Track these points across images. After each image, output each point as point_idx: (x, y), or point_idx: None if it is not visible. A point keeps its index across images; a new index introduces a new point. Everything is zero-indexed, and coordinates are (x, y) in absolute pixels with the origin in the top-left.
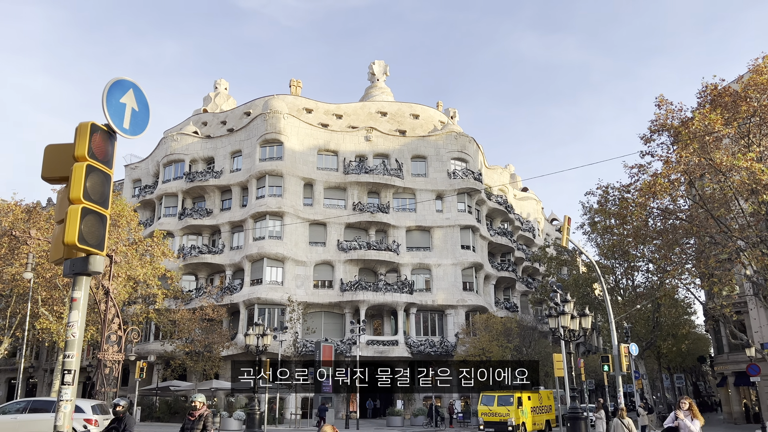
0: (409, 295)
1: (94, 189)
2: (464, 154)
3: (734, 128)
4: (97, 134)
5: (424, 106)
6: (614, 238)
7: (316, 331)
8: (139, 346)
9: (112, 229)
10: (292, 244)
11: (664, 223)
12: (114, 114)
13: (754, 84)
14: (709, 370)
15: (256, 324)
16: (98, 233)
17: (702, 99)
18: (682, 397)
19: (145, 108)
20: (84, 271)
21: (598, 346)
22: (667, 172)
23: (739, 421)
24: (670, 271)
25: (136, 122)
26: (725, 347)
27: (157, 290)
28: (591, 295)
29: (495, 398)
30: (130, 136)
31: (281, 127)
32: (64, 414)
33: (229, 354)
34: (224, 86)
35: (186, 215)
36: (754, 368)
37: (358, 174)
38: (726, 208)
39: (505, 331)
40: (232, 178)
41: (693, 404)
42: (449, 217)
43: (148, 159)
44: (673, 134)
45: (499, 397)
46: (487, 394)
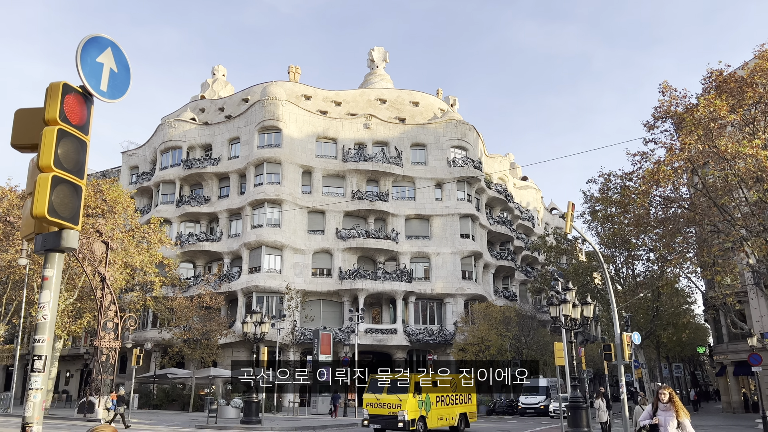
0: (408, 284)
1: (67, 156)
2: (464, 142)
3: (739, 115)
4: (70, 96)
5: (424, 93)
6: (615, 226)
7: (315, 319)
8: (137, 333)
9: (108, 216)
10: (290, 232)
11: (665, 211)
12: (90, 75)
13: (760, 70)
14: (707, 359)
15: (254, 312)
16: (72, 205)
17: (707, 85)
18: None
19: (125, 70)
20: (56, 247)
21: (597, 335)
22: (671, 160)
23: (737, 410)
24: (672, 259)
25: (115, 84)
26: (725, 337)
27: (155, 278)
28: (591, 284)
29: (385, 383)
30: (109, 99)
31: (279, 114)
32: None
33: (227, 342)
34: (222, 73)
35: (184, 202)
36: (756, 357)
37: (357, 162)
38: (729, 196)
39: (504, 320)
40: (230, 166)
41: (674, 395)
42: (449, 206)
43: (146, 146)
44: (677, 121)
45: (391, 382)
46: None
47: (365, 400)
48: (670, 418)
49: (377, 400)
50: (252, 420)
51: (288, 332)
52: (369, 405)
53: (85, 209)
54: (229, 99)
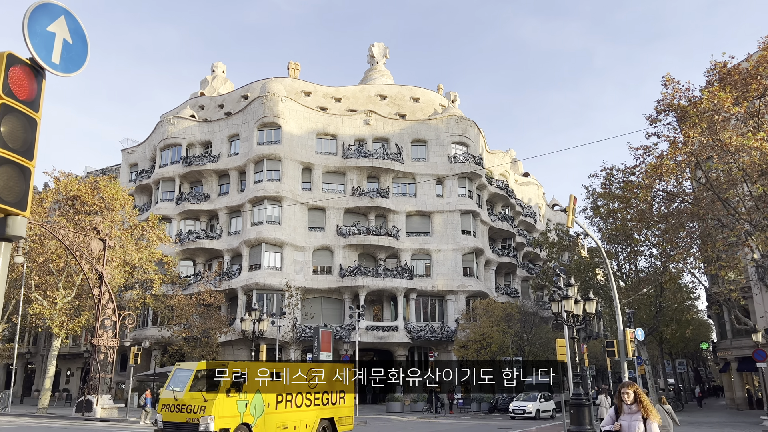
0: (409, 281)
1: (11, 134)
2: (465, 138)
3: (744, 107)
4: (16, 68)
5: (425, 89)
6: (617, 222)
7: (315, 316)
8: (137, 331)
9: (106, 213)
10: (290, 229)
11: (668, 206)
12: (39, 45)
13: (764, 61)
14: (711, 355)
15: (253, 309)
16: (18, 189)
17: (710, 77)
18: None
19: (81, 41)
20: (1, 235)
21: (599, 331)
22: (674, 153)
23: (741, 407)
24: (675, 255)
25: (69, 57)
26: (728, 333)
27: (154, 275)
28: (593, 281)
29: (189, 375)
30: (62, 73)
31: (279, 111)
32: None
33: (228, 340)
34: (222, 69)
35: (183, 200)
36: (761, 354)
37: (358, 158)
38: (734, 190)
39: (505, 317)
40: (230, 163)
41: (641, 394)
42: (449, 202)
43: (145, 143)
44: (680, 114)
45: (198, 373)
46: (180, 368)
47: (161, 399)
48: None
49: (175, 400)
50: None
51: (288, 330)
52: (164, 407)
53: (83, 206)
54: (228, 96)
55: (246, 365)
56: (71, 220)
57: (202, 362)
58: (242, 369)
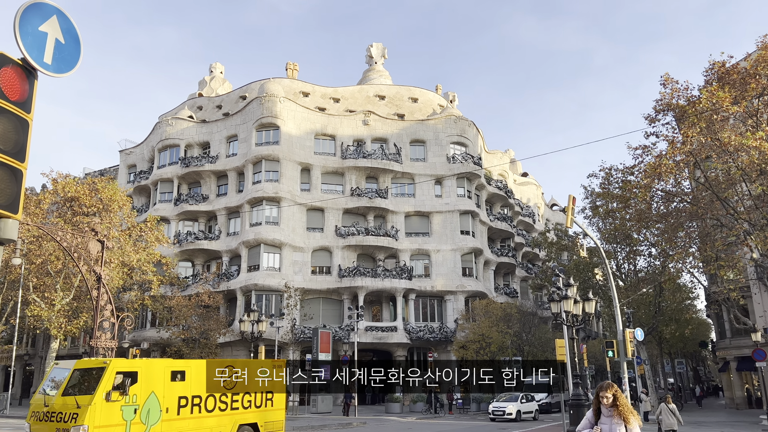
0: (408, 281)
1: (3, 136)
2: (464, 138)
3: (742, 106)
4: (7, 68)
5: (423, 89)
6: (616, 222)
7: (314, 317)
8: (136, 333)
9: (104, 214)
10: (289, 229)
11: (667, 206)
12: (31, 45)
13: (763, 60)
14: (710, 355)
15: (252, 310)
16: (9, 191)
17: (709, 77)
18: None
19: (74, 40)
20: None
21: (598, 331)
22: (673, 153)
23: (741, 406)
24: (674, 254)
25: (61, 57)
26: (727, 332)
27: (153, 277)
28: (592, 280)
29: (64, 375)
30: (55, 73)
31: (277, 111)
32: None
33: (226, 341)
34: (220, 70)
35: (182, 201)
36: (760, 353)
37: (356, 158)
38: (732, 189)
39: (504, 317)
40: (228, 163)
41: (620, 396)
42: (448, 202)
43: (143, 144)
44: (679, 114)
45: (74, 373)
46: (60, 367)
47: (31, 405)
48: (617, 427)
49: (45, 406)
50: None
51: (287, 331)
52: (33, 415)
53: (81, 208)
54: (226, 96)
55: (138, 363)
56: (69, 221)
57: (83, 360)
58: (130, 367)
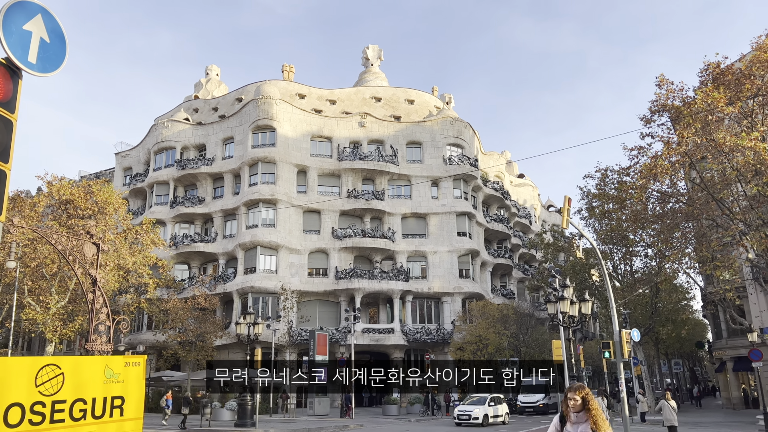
0: (405, 283)
1: None
2: (460, 139)
3: (737, 107)
4: None
5: (419, 91)
6: (612, 223)
7: (311, 319)
8: (132, 336)
9: (99, 217)
10: (285, 232)
11: (663, 206)
12: (15, 45)
13: (758, 61)
14: (707, 355)
15: (248, 313)
16: None
17: (704, 78)
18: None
19: (59, 39)
20: None
21: (595, 332)
22: (668, 154)
23: (737, 406)
24: (670, 255)
25: (46, 56)
26: (724, 333)
27: (149, 279)
28: (588, 281)
29: None
30: (39, 73)
31: (274, 113)
32: None
33: (223, 343)
34: (216, 72)
35: (178, 203)
36: (756, 353)
37: (353, 160)
38: (728, 190)
39: (501, 318)
40: (224, 166)
41: (591, 400)
42: (445, 204)
43: (139, 147)
44: (674, 114)
45: None
46: None
47: None
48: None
49: None
50: (246, 423)
51: (284, 333)
52: None
53: (76, 210)
54: (222, 99)
55: None
56: (64, 224)
57: None
58: None
